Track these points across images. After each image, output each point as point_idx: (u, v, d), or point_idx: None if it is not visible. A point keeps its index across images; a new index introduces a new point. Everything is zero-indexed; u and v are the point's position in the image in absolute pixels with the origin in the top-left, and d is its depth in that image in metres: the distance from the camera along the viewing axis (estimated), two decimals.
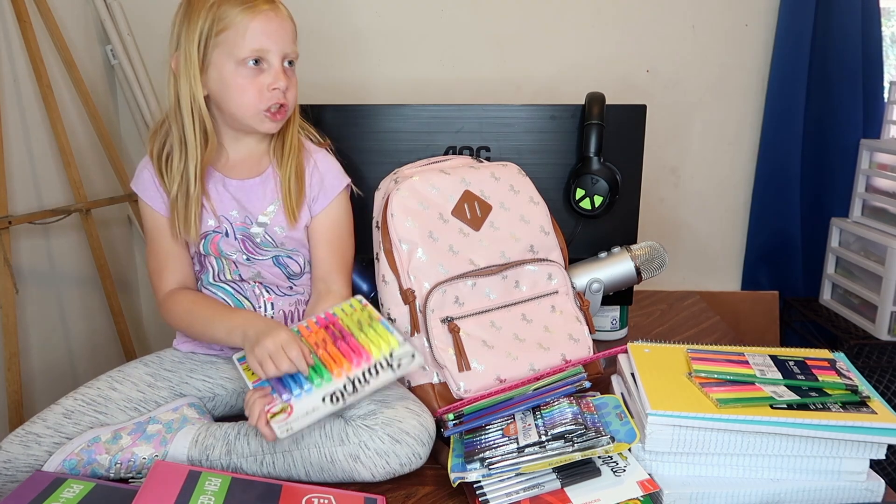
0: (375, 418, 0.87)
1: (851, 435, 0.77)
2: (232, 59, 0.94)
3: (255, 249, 1.04)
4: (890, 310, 1.57)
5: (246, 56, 0.94)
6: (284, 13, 0.98)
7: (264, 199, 1.03)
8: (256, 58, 0.94)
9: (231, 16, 0.92)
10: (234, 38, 0.93)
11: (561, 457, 0.79)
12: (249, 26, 0.93)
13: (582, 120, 1.20)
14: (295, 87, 1.00)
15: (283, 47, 0.96)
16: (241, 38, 0.93)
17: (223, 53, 0.94)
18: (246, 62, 0.94)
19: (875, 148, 1.70)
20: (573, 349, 1.05)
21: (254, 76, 0.95)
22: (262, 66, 0.95)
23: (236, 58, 0.94)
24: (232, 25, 0.93)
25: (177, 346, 1.10)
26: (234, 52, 0.93)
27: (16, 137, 1.41)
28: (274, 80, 0.96)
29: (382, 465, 0.85)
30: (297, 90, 1.01)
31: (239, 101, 0.96)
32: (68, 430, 0.92)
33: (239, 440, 0.90)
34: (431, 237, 1.03)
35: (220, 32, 0.93)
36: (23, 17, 1.40)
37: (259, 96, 0.96)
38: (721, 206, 1.86)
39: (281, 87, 0.96)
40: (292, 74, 0.99)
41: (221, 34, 0.93)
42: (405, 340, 0.89)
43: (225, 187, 1.03)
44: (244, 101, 0.96)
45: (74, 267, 1.59)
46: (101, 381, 1.00)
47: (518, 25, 1.76)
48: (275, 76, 0.96)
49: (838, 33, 1.69)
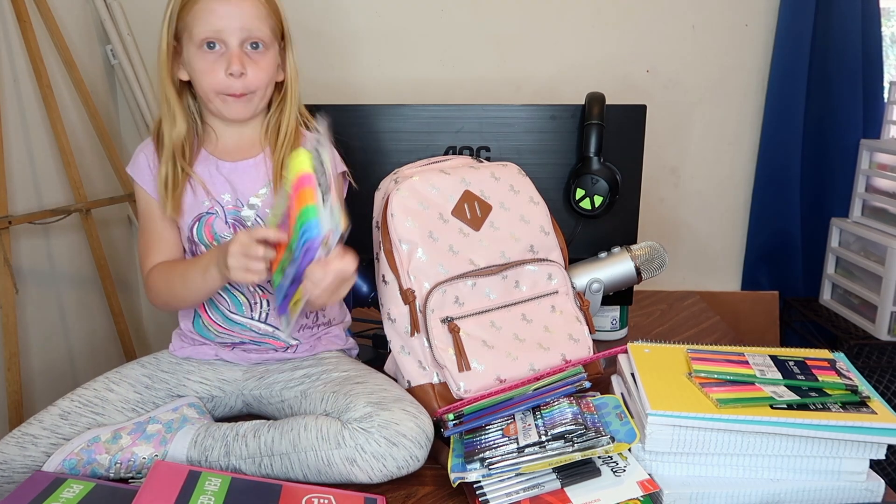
0: (372, 421, 0.86)
1: (851, 435, 0.77)
2: (193, 42, 0.94)
3: None
4: (890, 310, 1.57)
5: (202, 38, 0.93)
6: None
7: (256, 181, 1.02)
8: (211, 40, 0.93)
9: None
10: (194, 20, 0.93)
11: (561, 457, 0.79)
12: (205, 7, 0.92)
13: (582, 120, 1.20)
14: (262, 71, 0.96)
15: (241, 28, 0.93)
16: (199, 20, 0.92)
17: (187, 37, 0.94)
18: (203, 45, 0.93)
19: (875, 148, 1.70)
20: (573, 349, 1.05)
21: (212, 60, 0.94)
22: (219, 48, 0.94)
23: (196, 40, 0.93)
24: (193, 7, 0.92)
25: (173, 351, 1.08)
26: (194, 35, 0.93)
27: (16, 137, 1.41)
28: (228, 64, 0.93)
29: (379, 468, 0.85)
30: (267, 74, 0.98)
31: (200, 84, 0.96)
32: (65, 432, 0.92)
33: (237, 442, 0.90)
34: (431, 237, 1.03)
35: (184, 16, 0.93)
36: (23, 17, 1.40)
37: (216, 80, 0.95)
38: (721, 206, 1.86)
39: (234, 71, 0.93)
40: (259, 58, 0.96)
41: (185, 17, 0.93)
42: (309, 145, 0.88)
43: (218, 170, 1.02)
44: (203, 84, 0.96)
45: (74, 267, 1.59)
46: (98, 382, 0.99)
47: (518, 25, 1.76)
48: (229, 60, 0.93)
49: (838, 33, 1.69)
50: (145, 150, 1.03)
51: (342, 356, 1.09)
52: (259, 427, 0.91)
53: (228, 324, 1.05)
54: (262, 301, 1.05)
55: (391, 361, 1.06)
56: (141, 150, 1.04)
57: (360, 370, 1.02)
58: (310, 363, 1.05)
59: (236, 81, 0.95)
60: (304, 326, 1.08)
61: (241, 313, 1.05)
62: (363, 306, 1.27)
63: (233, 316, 1.05)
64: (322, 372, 1.02)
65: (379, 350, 1.25)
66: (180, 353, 1.08)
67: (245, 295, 1.05)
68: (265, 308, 1.05)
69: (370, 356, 1.22)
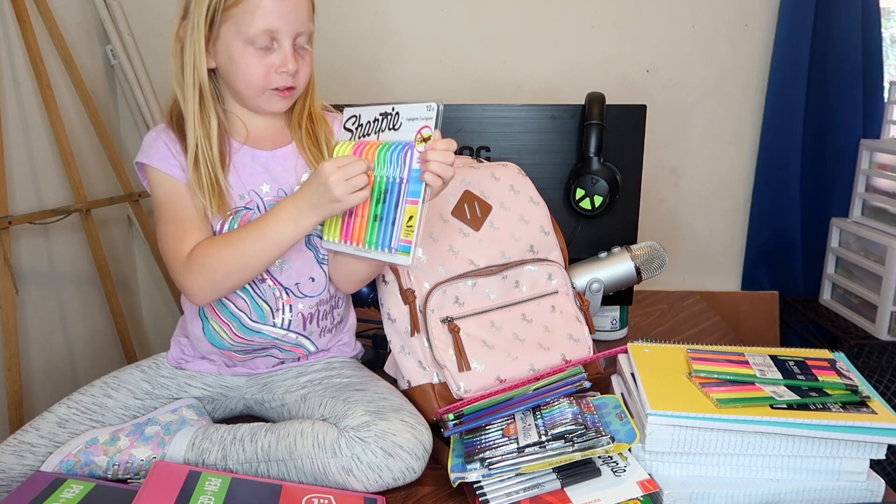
0: (369, 430, 0.85)
1: (851, 435, 0.77)
2: (241, 36, 0.89)
3: None
4: (890, 310, 1.57)
5: (255, 35, 0.88)
6: None
7: (297, 168, 0.99)
8: (267, 37, 0.89)
9: None
10: (244, 14, 0.88)
11: (561, 457, 0.79)
12: (261, 4, 0.87)
13: (582, 120, 1.20)
14: (308, 66, 0.95)
15: (295, 27, 0.90)
16: (251, 16, 0.87)
17: (232, 28, 0.89)
18: (255, 41, 0.89)
19: (875, 148, 1.70)
20: (573, 349, 1.05)
21: (262, 56, 0.90)
22: (272, 46, 0.91)
23: (245, 35, 0.88)
24: (243, 1, 0.88)
25: (171, 361, 1.05)
26: (244, 30, 0.88)
27: (16, 137, 1.41)
28: (283, 63, 0.91)
29: (375, 478, 0.83)
30: (311, 68, 0.96)
31: (246, 80, 0.92)
32: (63, 440, 0.90)
33: (234, 446, 0.89)
34: (431, 237, 1.03)
35: (230, 7, 0.88)
36: (23, 17, 1.40)
37: (266, 77, 0.92)
38: (721, 206, 1.86)
39: (290, 70, 0.91)
40: (305, 54, 0.95)
41: (232, 9, 0.88)
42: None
43: (254, 159, 0.97)
44: (251, 81, 0.92)
45: (74, 267, 1.59)
46: (96, 387, 0.97)
47: (518, 25, 1.76)
48: (284, 58, 0.91)
49: (838, 33, 1.69)
50: (164, 136, 0.95)
51: (348, 361, 1.07)
52: (256, 431, 0.90)
53: (246, 332, 0.99)
54: (284, 307, 1.00)
55: (391, 362, 1.06)
56: (157, 135, 0.96)
57: (362, 377, 1.00)
58: (315, 369, 1.04)
59: (288, 77, 0.92)
60: (326, 330, 1.05)
61: (262, 321, 0.99)
62: (363, 306, 1.27)
63: (253, 325, 0.99)
64: (325, 377, 1.01)
65: (379, 350, 1.25)
66: (178, 364, 1.04)
67: (268, 303, 0.99)
68: (288, 315, 1.00)
69: (370, 356, 1.22)
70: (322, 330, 1.05)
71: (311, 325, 1.02)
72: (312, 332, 1.03)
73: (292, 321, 1.01)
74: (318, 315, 1.03)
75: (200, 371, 1.04)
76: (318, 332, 1.04)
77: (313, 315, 1.02)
